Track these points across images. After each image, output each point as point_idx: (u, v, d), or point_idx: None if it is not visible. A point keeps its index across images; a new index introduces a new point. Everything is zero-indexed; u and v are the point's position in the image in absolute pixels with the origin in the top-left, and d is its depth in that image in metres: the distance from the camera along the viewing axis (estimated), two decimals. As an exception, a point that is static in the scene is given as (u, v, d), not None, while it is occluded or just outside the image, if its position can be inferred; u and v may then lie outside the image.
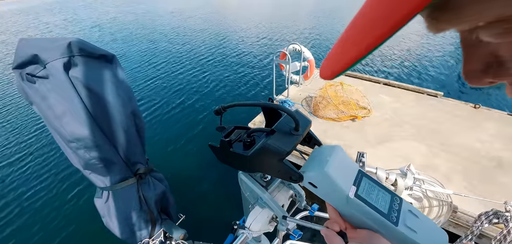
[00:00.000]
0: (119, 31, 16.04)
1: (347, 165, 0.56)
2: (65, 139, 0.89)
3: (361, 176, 0.55)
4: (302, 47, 5.37)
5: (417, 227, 0.49)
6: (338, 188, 0.51)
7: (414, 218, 0.51)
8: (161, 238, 1.11)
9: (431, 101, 5.03)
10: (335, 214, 0.53)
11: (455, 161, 3.61)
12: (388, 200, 0.52)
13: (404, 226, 0.48)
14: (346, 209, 0.52)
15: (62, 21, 21.68)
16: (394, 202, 0.52)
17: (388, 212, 0.50)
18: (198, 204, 4.23)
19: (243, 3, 24.00)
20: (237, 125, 0.74)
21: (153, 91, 7.98)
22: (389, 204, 0.51)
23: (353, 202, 0.50)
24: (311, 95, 5.28)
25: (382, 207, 0.50)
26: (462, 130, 4.16)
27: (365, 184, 0.54)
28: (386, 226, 0.49)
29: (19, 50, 0.81)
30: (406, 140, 4.05)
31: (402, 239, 0.48)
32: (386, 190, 0.54)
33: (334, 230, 0.52)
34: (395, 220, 0.49)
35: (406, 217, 0.50)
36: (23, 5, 35.45)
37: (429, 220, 0.52)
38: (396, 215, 0.50)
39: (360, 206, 0.50)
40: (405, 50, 9.99)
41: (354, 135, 4.24)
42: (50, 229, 4.01)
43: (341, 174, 0.53)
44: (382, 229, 0.49)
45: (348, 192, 0.51)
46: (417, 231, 0.48)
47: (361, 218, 0.51)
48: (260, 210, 0.87)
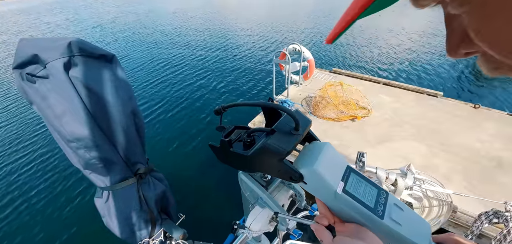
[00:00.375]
0: (121, 32, 16.05)
1: (336, 161, 0.58)
2: (65, 139, 0.89)
3: (349, 172, 0.57)
4: (302, 47, 5.38)
5: (401, 220, 0.51)
6: (327, 184, 0.53)
7: (399, 211, 0.53)
8: (161, 238, 1.11)
9: (431, 101, 5.04)
10: (324, 208, 0.55)
11: (455, 161, 3.61)
12: (374, 195, 0.54)
13: (390, 220, 0.51)
14: (335, 204, 0.54)
15: (64, 21, 21.72)
16: (380, 196, 0.54)
17: (375, 206, 0.52)
18: (198, 204, 4.23)
19: (243, 3, 24.01)
20: (237, 125, 0.74)
21: (153, 91, 7.99)
22: (376, 199, 0.53)
23: (341, 197, 0.52)
24: (311, 95, 5.28)
25: (369, 202, 0.52)
26: (462, 130, 4.17)
27: (353, 180, 0.55)
28: (373, 220, 0.51)
29: (19, 50, 0.81)
30: (406, 140, 4.06)
31: (388, 232, 0.50)
32: (373, 185, 0.56)
33: (323, 225, 0.54)
34: (381, 214, 0.51)
35: (392, 211, 0.52)
36: (23, 5, 35.47)
37: (414, 213, 0.54)
38: (382, 208, 0.52)
39: (348, 201, 0.52)
40: (405, 50, 9.99)
41: (354, 135, 4.24)
42: (52, 230, 4.02)
43: (330, 171, 0.54)
44: (369, 223, 0.51)
45: (337, 187, 0.52)
46: (402, 224, 0.50)
47: (349, 213, 0.52)
48: (260, 209, 0.87)
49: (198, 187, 4.58)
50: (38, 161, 5.40)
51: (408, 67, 8.57)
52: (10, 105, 7.86)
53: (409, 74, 8.15)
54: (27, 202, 4.50)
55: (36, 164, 5.33)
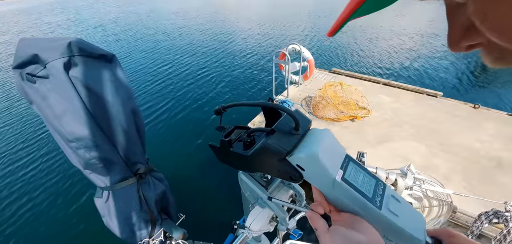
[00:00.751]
0: (123, 32, 16.04)
1: (335, 149, 0.57)
2: (65, 139, 0.89)
3: (348, 160, 0.56)
4: (301, 47, 5.38)
5: (398, 212, 0.51)
6: (326, 171, 0.52)
7: (396, 203, 0.53)
8: (161, 238, 1.11)
9: (430, 101, 5.04)
10: (320, 197, 0.55)
11: (455, 161, 3.61)
12: (372, 185, 0.54)
13: (387, 210, 0.50)
14: (332, 192, 0.53)
15: (65, 21, 21.71)
16: (378, 187, 0.54)
17: (373, 196, 0.51)
18: (198, 204, 4.23)
19: (243, 3, 24.00)
20: (237, 125, 0.74)
21: (153, 91, 7.99)
22: (374, 189, 0.53)
23: (339, 186, 0.51)
24: (310, 95, 5.29)
25: (367, 191, 0.52)
26: (462, 130, 4.17)
27: (352, 169, 0.55)
28: (370, 210, 0.50)
29: (19, 50, 0.81)
30: (406, 140, 4.06)
31: (385, 222, 0.50)
32: (371, 176, 0.56)
33: (318, 213, 0.53)
34: (378, 204, 0.51)
35: (389, 202, 0.52)
36: (24, 5, 35.44)
37: (410, 206, 0.54)
38: (379, 199, 0.52)
39: (347, 189, 0.51)
40: (405, 49, 9.99)
41: (354, 135, 4.24)
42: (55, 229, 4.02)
43: (329, 158, 0.54)
44: (366, 213, 0.51)
45: (336, 175, 0.52)
46: (399, 215, 0.50)
47: (347, 202, 0.52)
48: (260, 209, 0.87)
49: (198, 187, 4.58)
50: (42, 161, 5.40)
51: (408, 67, 8.58)
52: (14, 105, 7.86)
53: (408, 74, 8.15)
54: (32, 201, 4.51)
55: (40, 163, 5.34)
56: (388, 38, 11.38)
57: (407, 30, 12.22)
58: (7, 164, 5.43)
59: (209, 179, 4.66)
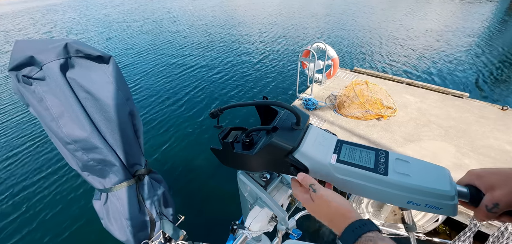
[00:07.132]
0: (125, 31, 15.86)
1: (324, 139, 0.60)
2: (62, 141, 0.88)
3: (340, 144, 0.59)
4: (326, 46, 5.32)
5: (409, 171, 0.51)
6: (317, 161, 0.55)
7: (404, 164, 0.53)
8: (160, 239, 1.11)
9: (456, 102, 4.95)
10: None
11: (486, 162, 3.54)
12: (373, 157, 0.55)
13: (395, 173, 0.51)
14: (335, 176, 0.55)
15: (65, 20, 21.51)
16: (379, 156, 0.55)
17: (375, 166, 0.53)
18: (197, 205, 4.22)
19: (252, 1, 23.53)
20: (233, 127, 0.74)
21: (154, 91, 7.95)
22: (375, 160, 0.54)
23: (337, 167, 0.54)
24: (333, 93, 5.25)
25: (368, 164, 0.53)
26: (491, 132, 4.09)
27: (346, 149, 0.57)
28: (376, 179, 0.51)
29: (15, 52, 0.80)
30: (434, 140, 4.00)
31: (397, 186, 0.50)
32: (370, 149, 0.57)
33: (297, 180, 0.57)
34: (383, 171, 0.51)
35: (396, 166, 0.52)
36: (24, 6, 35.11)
37: (423, 162, 0.53)
38: (383, 166, 0.52)
39: (345, 168, 0.53)
40: (428, 49, 9.83)
41: (381, 134, 4.19)
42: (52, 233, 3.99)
43: (317, 149, 0.57)
44: (373, 183, 0.51)
45: (329, 160, 0.55)
46: (411, 175, 0.50)
47: (350, 180, 0.53)
48: (260, 209, 0.87)
49: (197, 188, 4.57)
50: (39, 163, 5.36)
51: (432, 67, 8.41)
52: (17, 105, 7.80)
53: (431, 74, 8.00)
54: (29, 204, 4.47)
55: (38, 165, 5.30)
56: (409, 38, 11.17)
57: (429, 30, 12.09)
58: (6, 164, 5.39)
59: (209, 180, 4.65)
